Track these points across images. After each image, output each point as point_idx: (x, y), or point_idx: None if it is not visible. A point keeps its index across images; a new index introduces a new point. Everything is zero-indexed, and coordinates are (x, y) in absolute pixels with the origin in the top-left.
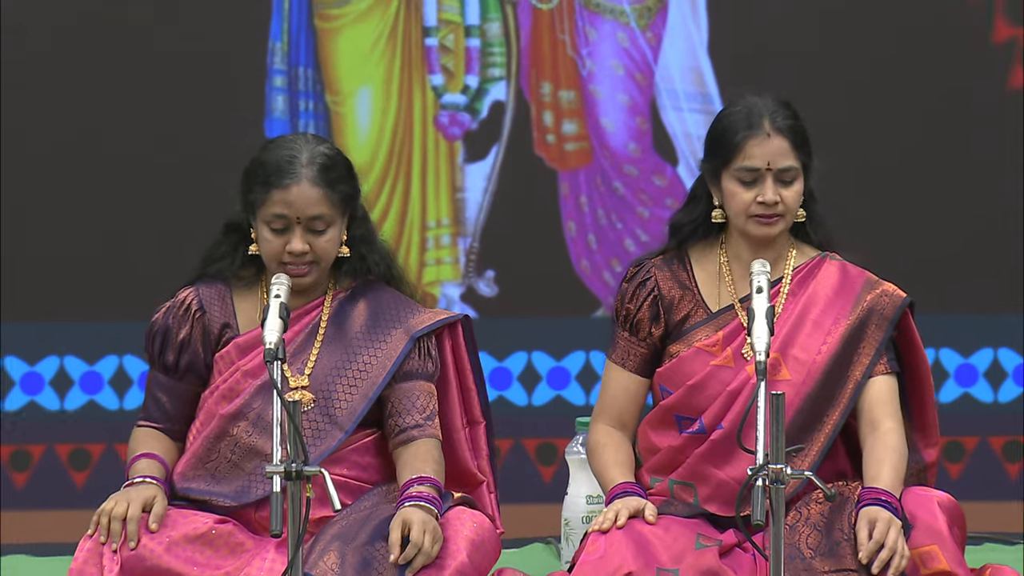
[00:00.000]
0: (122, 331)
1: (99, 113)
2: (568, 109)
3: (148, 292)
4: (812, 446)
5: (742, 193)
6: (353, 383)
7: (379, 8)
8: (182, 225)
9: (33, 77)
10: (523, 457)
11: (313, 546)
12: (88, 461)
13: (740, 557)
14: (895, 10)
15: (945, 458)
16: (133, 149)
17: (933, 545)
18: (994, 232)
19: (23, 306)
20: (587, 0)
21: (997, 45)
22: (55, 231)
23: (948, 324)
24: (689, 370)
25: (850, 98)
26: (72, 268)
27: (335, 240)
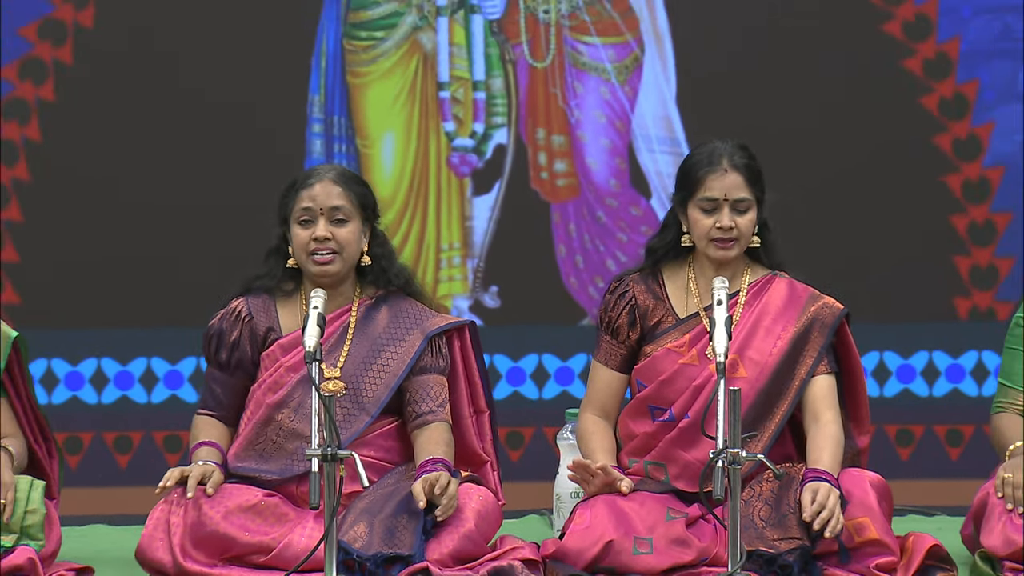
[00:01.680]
0: (151, 336)
1: (156, 154)
2: (559, 151)
3: (178, 303)
4: (764, 433)
5: (703, 220)
6: (378, 375)
7: (401, 66)
8: (227, 251)
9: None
10: (519, 440)
11: (345, 517)
12: (130, 446)
13: (703, 527)
14: (840, 66)
15: (897, 443)
16: (187, 184)
17: (865, 517)
18: (927, 255)
19: (68, 315)
20: (575, 59)
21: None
22: (101, 255)
23: (890, 331)
24: (661, 367)
25: (801, 140)
26: (111, 284)
27: (355, 234)
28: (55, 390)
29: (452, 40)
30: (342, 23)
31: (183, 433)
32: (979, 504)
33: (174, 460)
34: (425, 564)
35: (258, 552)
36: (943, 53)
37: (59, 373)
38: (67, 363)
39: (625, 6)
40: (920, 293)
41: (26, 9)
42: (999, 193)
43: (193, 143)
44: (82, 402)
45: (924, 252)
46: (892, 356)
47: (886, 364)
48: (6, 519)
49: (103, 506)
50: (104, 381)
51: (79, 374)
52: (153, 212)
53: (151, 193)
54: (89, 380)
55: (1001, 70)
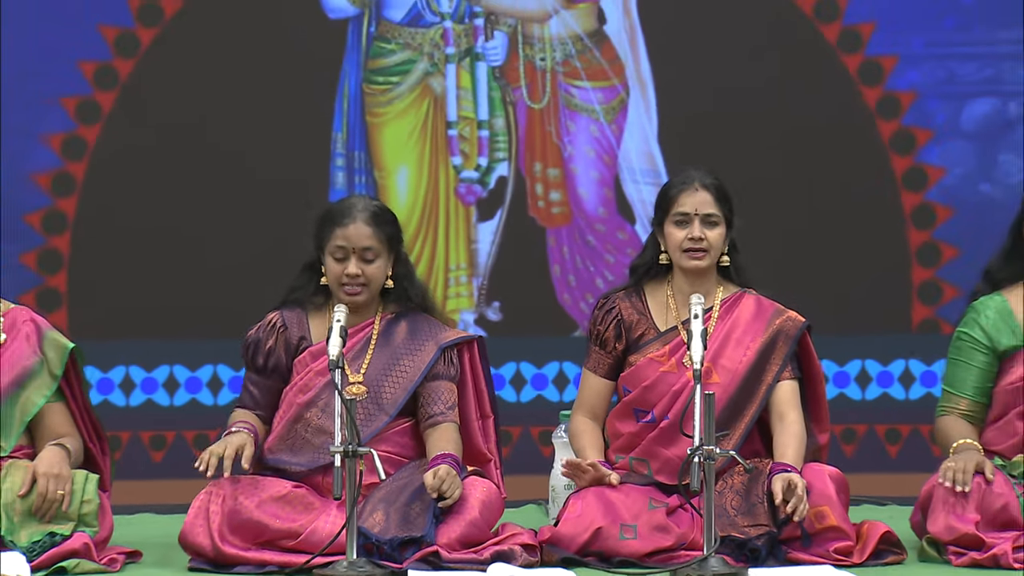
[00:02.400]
0: (175, 347)
1: (192, 184)
2: (553, 182)
3: (204, 320)
4: (735, 432)
5: (677, 233)
6: (396, 380)
7: (413, 108)
8: (258, 271)
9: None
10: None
11: (364, 506)
12: (163, 443)
13: (682, 515)
14: (804, 106)
15: (842, 440)
16: (221, 211)
17: (825, 506)
18: (880, 280)
19: (134, 326)
20: (568, 101)
21: (881, 139)
22: (143, 280)
23: (849, 342)
24: (644, 375)
25: (768, 172)
26: (147, 302)
27: (382, 269)
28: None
29: (459, 84)
30: (362, 69)
31: (210, 432)
32: (926, 495)
33: None
34: (435, 547)
35: (287, 537)
36: (893, 96)
37: (91, 379)
38: (98, 370)
39: (612, 54)
40: (874, 307)
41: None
42: (943, 222)
43: (229, 174)
44: (112, 404)
45: (877, 270)
46: (874, 365)
47: (868, 373)
48: (64, 508)
49: (145, 496)
50: (132, 386)
51: (109, 380)
52: (187, 236)
53: (187, 218)
54: (119, 385)
55: (945, 109)
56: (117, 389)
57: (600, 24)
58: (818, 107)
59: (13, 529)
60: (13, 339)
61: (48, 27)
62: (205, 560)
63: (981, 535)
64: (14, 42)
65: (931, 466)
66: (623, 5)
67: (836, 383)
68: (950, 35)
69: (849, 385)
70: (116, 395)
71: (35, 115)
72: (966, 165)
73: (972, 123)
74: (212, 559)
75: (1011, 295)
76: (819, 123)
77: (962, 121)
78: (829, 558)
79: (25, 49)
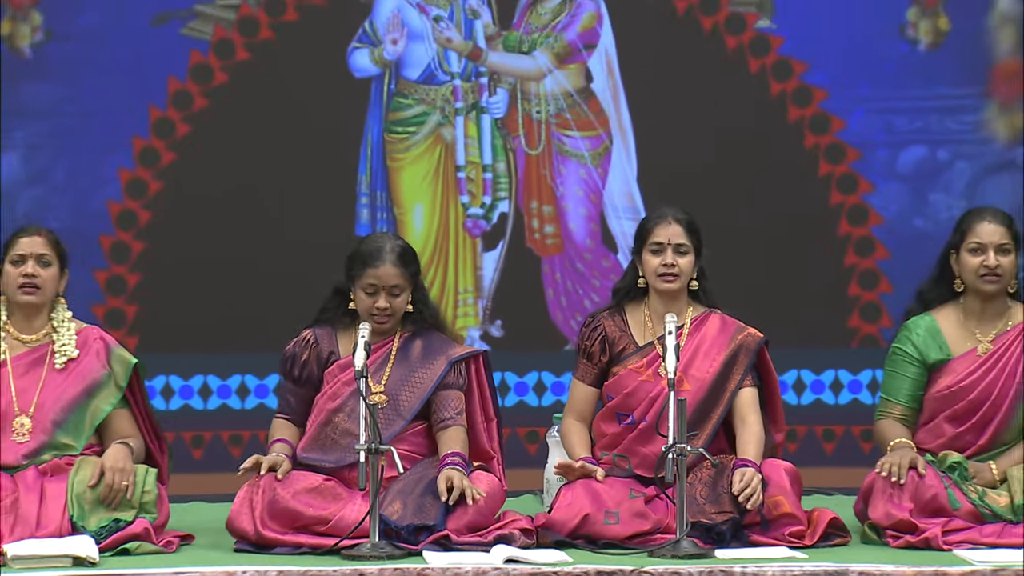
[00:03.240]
0: (242, 359)
1: (243, 221)
2: (548, 217)
3: (260, 336)
4: (703, 432)
5: (652, 260)
6: (412, 390)
7: (428, 154)
8: (287, 293)
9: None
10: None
11: (385, 496)
12: (222, 444)
13: (657, 504)
14: (762, 151)
15: (788, 440)
16: (262, 244)
17: (780, 496)
18: (828, 299)
19: (184, 343)
20: (560, 148)
21: (829, 180)
22: (194, 301)
23: (802, 353)
24: (624, 384)
25: (732, 207)
26: (193, 322)
27: (405, 301)
28: (171, 399)
29: (467, 133)
30: (383, 121)
31: (243, 432)
32: (867, 486)
33: (237, 452)
34: (446, 532)
35: (319, 523)
36: (838, 143)
37: (175, 387)
38: (181, 378)
39: (598, 108)
40: (821, 325)
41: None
42: (881, 252)
43: (266, 210)
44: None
45: (825, 294)
46: (801, 373)
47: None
48: (128, 497)
49: (195, 488)
50: (171, 393)
51: (152, 387)
52: (225, 263)
53: (226, 247)
54: (160, 392)
55: (884, 156)
56: (159, 395)
57: (587, 82)
58: (776, 152)
59: (84, 516)
60: (85, 355)
61: (126, 74)
62: (248, 543)
63: (915, 521)
64: (97, 84)
65: (860, 461)
66: (607, 66)
67: (812, 390)
68: (888, 92)
69: (787, 392)
70: (158, 400)
71: (109, 151)
72: (901, 203)
73: (907, 167)
74: (255, 542)
75: (939, 315)
76: (775, 165)
77: (898, 166)
78: (784, 541)
79: (106, 92)
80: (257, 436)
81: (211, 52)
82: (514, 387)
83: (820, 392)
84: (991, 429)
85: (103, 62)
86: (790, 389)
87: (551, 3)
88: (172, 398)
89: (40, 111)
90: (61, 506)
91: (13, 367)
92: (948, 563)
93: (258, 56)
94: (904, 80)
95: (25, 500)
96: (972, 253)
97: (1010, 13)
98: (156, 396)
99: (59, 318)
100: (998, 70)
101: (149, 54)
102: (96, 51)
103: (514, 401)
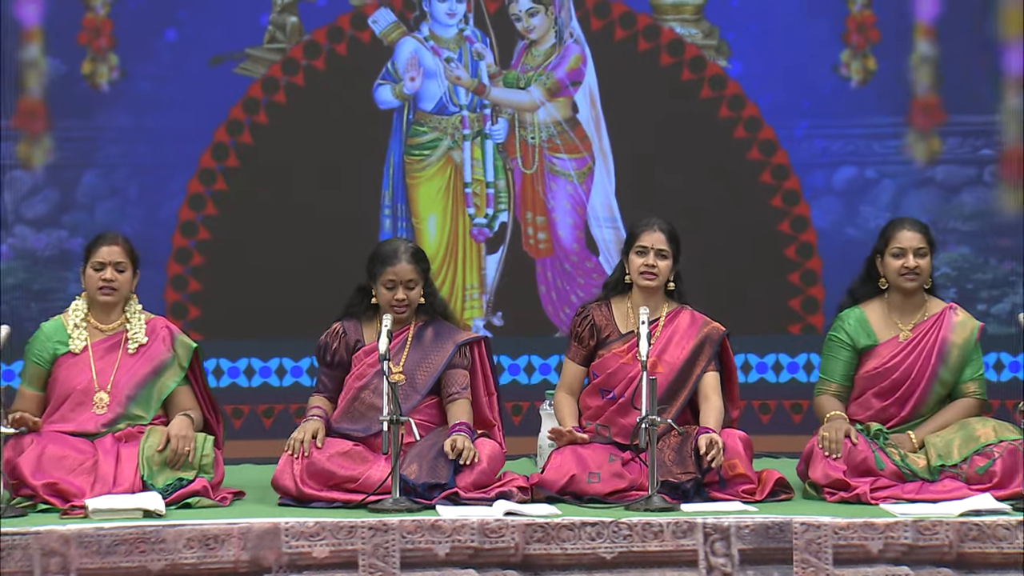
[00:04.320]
0: (280, 344)
1: (282, 226)
2: (540, 226)
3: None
4: (672, 407)
5: (637, 260)
6: (426, 370)
7: (440, 173)
8: (324, 288)
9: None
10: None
11: (404, 459)
12: (270, 415)
13: (633, 466)
14: (718, 169)
15: (760, 412)
16: (302, 245)
17: (735, 459)
18: (773, 294)
19: (233, 330)
20: (551, 168)
21: (775, 195)
22: (246, 295)
23: (749, 340)
24: (608, 365)
25: (697, 218)
26: (235, 314)
27: (419, 293)
28: (221, 379)
29: (473, 156)
30: (403, 145)
31: (293, 405)
32: (808, 451)
33: (269, 423)
34: (455, 490)
35: (349, 481)
36: (783, 164)
37: (224, 367)
38: (228, 360)
39: (583, 134)
40: (766, 316)
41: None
42: (819, 256)
43: (306, 222)
44: (239, 386)
45: (770, 290)
46: (753, 357)
47: (749, 363)
48: (190, 460)
49: (243, 452)
50: (221, 373)
51: (207, 367)
52: (276, 267)
53: (277, 254)
54: (212, 372)
55: (821, 174)
56: (212, 375)
57: (574, 113)
58: (730, 171)
59: (153, 475)
60: (153, 341)
61: (188, 106)
62: (290, 498)
63: (848, 480)
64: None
65: (792, 430)
66: (590, 99)
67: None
68: (825, 122)
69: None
70: (212, 379)
71: (174, 170)
72: (835, 215)
73: (840, 184)
74: (295, 497)
75: (867, 308)
76: (730, 183)
77: (833, 183)
78: (738, 496)
79: (171, 120)
80: (289, 409)
81: (259, 87)
82: (508, 368)
83: (764, 372)
84: (911, 403)
85: (169, 96)
86: (739, 369)
87: (543, 47)
88: (222, 377)
89: (116, 137)
90: (134, 467)
91: (93, 351)
92: (875, 515)
93: (298, 91)
94: (838, 111)
95: (104, 462)
96: (895, 256)
97: (927, 56)
98: (210, 375)
99: (131, 311)
100: (917, 103)
101: (207, 89)
102: (163, 87)
103: (511, 379)
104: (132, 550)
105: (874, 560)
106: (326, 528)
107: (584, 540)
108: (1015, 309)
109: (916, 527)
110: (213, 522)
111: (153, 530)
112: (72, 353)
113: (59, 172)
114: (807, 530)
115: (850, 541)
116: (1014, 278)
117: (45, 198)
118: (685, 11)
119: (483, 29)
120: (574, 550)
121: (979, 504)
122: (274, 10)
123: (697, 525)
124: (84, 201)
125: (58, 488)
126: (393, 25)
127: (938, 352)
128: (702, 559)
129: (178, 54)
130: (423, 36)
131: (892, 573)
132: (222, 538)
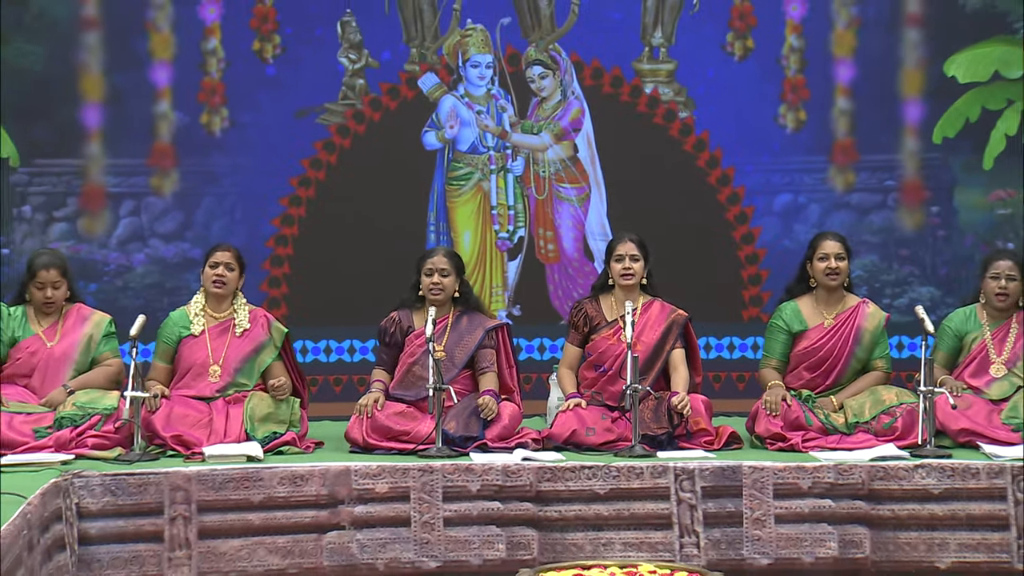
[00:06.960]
0: (352, 329)
1: (351, 239)
2: (549, 239)
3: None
4: (649, 377)
5: (616, 266)
6: (462, 349)
7: (472, 199)
8: (383, 287)
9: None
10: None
11: (445, 418)
12: (341, 383)
13: (620, 422)
14: (682, 198)
15: (715, 381)
16: (366, 252)
17: (699, 417)
18: (728, 292)
19: (316, 319)
20: (557, 195)
21: (728, 214)
22: (325, 289)
23: (710, 326)
24: (599, 346)
25: (669, 231)
26: (334, 307)
27: (452, 282)
28: (305, 358)
29: (498, 185)
30: (444, 177)
31: (356, 376)
32: (754, 412)
33: (338, 390)
34: (484, 440)
35: (403, 434)
36: (736, 192)
37: (308, 346)
38: (311, 342)
39: (582, 168)
40: (723, 308)
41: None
42: (762, 262)
43: (370, 236)
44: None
45: (726, 288)
46: (712, 339)
47: (710, 344)
48: (284, 417)
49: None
50: (306, 351)
51: (295, 347)
52: (349, 270)
53: (348, 257)
54: (299, 350)
55: (764, 199)
56: (299, 353)
57: (575, 152)
58: (694, 198)
59: (254, 429)
60: (254, 327)
61: (280, 147)
62: (358, 448)
63: (784, 433)
64: (262, 154)
65: (738, 395)
66: (587, 142)
67: (716, 350)
68: (767, 160)
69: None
70: (300, 356)
71: (270, 196)
72: (776, 231)
73: (779, 207)
74: (362, 447)
75: (800, 302)
76: (695, 207)
77: (774, 206)
78: (701, 446)
79: (267, 159)
80: (352, 379)
81: (335, 133)
82: (525, 348)
83: (721, 351)
84: (833, 375)
85: (266, 140)
86: (702, 349)
87: (551, 102)
88: (307, 355)
89: (226, 171)
90: (239, 423)
91: (209, 334)
92: (805, 460)
93: (365, 136)
94: (777, 151)
95: (217, 419)
96: (820, 261)
97: (845, 109)
98: (298, 353)
99: (238, 303)
100: (837, 145)
101: (295, 134)
102: (261, 133)
103: (526, 357)
104: (239, 486)
105: (804, 495)
106: (385, 470)
107: (583, 479)
108: (912, 303)
109: (837, 469)
110: (300, 465)
111: (254, 471)
112: (193, 335)
113: (183, 199)
114: (753, 472)
115: (786, 480)
116: (911, 279)
117: (172, 218)
118: (660, 75)
119: (505, 88)
120: (575, 487)
121: (885, 452)
122: (346, 74)
123: (669, 468)
124: (202, 220)
125: (182, 439)
126: (437, 86)
127: (854, 336)
128: (673, 494)
129: (273, 108)
130: (459, 94)
131: (818, 504)
132: (307, 477)
